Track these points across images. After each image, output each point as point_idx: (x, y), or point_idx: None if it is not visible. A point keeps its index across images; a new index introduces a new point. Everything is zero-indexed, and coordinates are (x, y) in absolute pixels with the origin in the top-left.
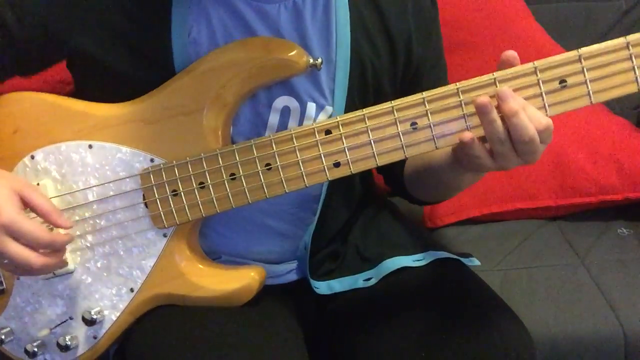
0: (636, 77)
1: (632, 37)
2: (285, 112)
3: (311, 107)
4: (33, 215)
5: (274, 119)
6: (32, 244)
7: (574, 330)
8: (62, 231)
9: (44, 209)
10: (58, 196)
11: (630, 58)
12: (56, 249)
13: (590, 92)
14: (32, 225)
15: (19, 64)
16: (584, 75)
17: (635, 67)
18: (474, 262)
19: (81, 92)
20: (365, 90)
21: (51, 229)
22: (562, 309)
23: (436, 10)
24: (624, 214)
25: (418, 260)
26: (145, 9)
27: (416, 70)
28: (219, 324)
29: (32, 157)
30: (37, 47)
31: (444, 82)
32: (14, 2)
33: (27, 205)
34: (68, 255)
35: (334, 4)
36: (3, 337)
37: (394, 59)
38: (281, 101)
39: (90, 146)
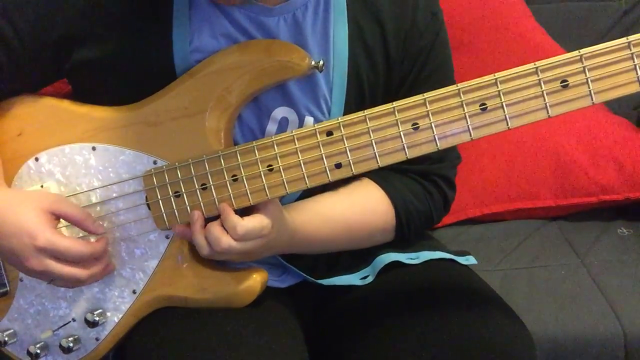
0: (638, 77)
1: (634, 37)
2: (284, 123)
3: (309, 121)
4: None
5: (272, 128)
6: (75, 260)
7: (574, 330)
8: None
9: (77, 218)
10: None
11: (632, 57)
12: (97, 257)
13: (592, 92)
14: (69, 242)
15: (20, 82)
16: (585, 75)
17: (637, 67)
18: (470, 260)
19: (82, 98)
20: (362, 106)
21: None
22: (562, 309)
23: (438, 22)
24: (624, 214)
25: (412, 259)
26: (146, 21)
27: (412, 83)
28: (219, 325)
29: (36, 160)
30: (37, 63)
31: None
32: (12, 17)
33: (59, 217)
34: None
35: (332, 18)
36: (6, 338)
37: (390, 74)
38: (280, 112)
39: (93, 148)
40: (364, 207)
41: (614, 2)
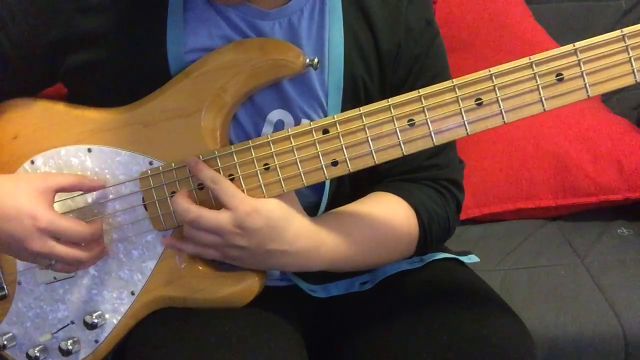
0: (633, 69)
1: (628, 29)
2: (279, 125)
3: (305, 123)
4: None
5: (267, 130)
6: (76, 240)
7: (574, 330)
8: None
9: (73, 183)
10: (58, 201)
11: (627, 50)
12: (96, 238)
13: (587, 85)
14: (71, 222)
15: (15, 86)
16: (580, 68)
17: (632, 59)
18: (472, 259)
19: (77, 100)
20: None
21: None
22: (562, 309)
23: (433, 31)
24: (624, 214)
25: (415, 262)
26: (140, 22)
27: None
28: (218, 325)
29: (32, 162)
30: (31, 67)
31: None
32: (4, 22)
33: (56, 192)
34: None
35: (328, 23)
36: (5, 342)
37: (383, 79)
38: (276, 114)
39: (89, 150)
40: (386, 212)
41: (614, 2)
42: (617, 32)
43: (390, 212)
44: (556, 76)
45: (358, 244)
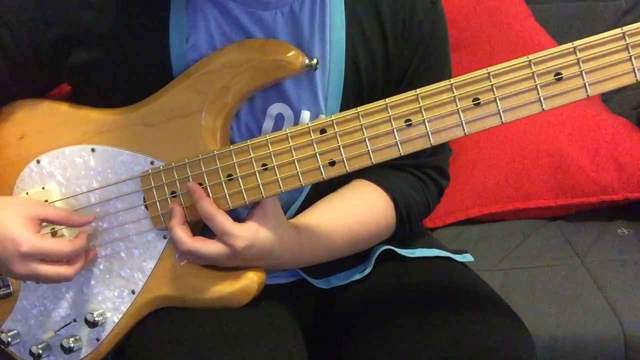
0: (633, 68)
1: (628, 27)
2: (279, 119)
3: (305, 115)
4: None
5: (268, 124)
6: (59, 259)
7: (574, 330)
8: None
9: (61, 219)
10: (62, 199)
11: (627, 48)
12: (81, 252)
13: (587, 84)
14: (53, 244)
15: (19, 86)
16: (580, 67)
17: (633, 58)
18: (466, 257)
19: (80, 100)
20: (360, 96)
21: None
22: (562, 309)
23: (437, 12)
24: (624, 214)
25: (409, 252)
26: (142, 20)
27: (413, 75)
28: (218, 324)
29: (38, 162)
30: (35, 66)
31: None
32: (8, 22)
33: (44, 222)
34: None
35: (329, 7)
36: (9, 339)
37: (389, 65)
38: (275, 108)
39: (92, 150)
40: (364, 209)
41: (614, 2)
42: (617, 30)
43: (369, 207)
44: (555, 75)
45: (336, 247)
